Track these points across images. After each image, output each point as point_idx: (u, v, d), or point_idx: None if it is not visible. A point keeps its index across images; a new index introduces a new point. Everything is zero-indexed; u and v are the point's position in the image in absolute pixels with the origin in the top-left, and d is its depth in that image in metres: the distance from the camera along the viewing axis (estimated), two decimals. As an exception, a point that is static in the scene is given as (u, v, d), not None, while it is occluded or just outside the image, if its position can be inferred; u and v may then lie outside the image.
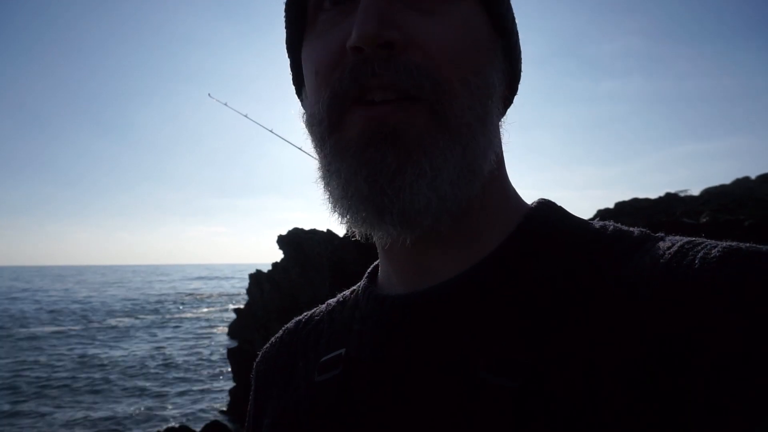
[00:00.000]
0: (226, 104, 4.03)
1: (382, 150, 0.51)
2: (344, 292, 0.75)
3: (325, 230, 13.49)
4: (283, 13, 0.63)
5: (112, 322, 33.71)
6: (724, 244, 0.49)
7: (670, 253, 0.50)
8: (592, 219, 0.62)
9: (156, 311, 39.75)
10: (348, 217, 0.55)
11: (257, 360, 0.79)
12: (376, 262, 0.70)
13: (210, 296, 54.13)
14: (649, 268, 0.50)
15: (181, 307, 42.71)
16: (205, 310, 40.98)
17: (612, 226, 0.58)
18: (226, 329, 26.50)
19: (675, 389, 0.43)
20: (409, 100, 0.51)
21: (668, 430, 0.43)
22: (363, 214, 0.53)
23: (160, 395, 16.14)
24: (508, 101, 0.64)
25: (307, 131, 0.60)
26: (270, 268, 14.99)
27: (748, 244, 0.49)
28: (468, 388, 0.50)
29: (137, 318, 35.60)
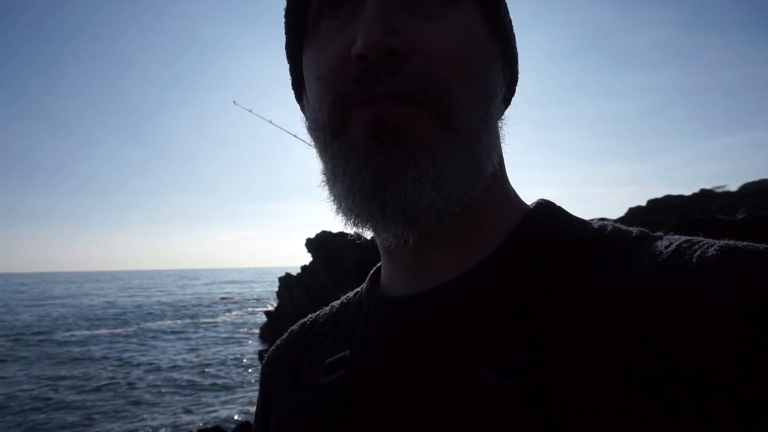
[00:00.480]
0: (251, 111, 4.06)
1: (386, 146, 0.52)
2: (347, 294, 0.76)
3: (352, 232, 13.50)
4: (283, 19, 0.63)
5: (148, 325, 34.47)
6: (722, 242, 0.49)
7: (667, 253, 0.50)
8: (622, 217, 0.64)
9: (189, 315, 40.48)
10: (352, 213, 0.55)
11: (263, 362, 0.80)
12: (378, 264, 0.71)
13: (241, 300, 54.84)
14: (647, 267, 0.50)
15: (213, 311, 43.42)
16: (237, 313, 41.55)
17: (611, 226, 0.58)
18: (258, 332, 26.84)
19: (673, 389, 0.43)
20: (412, 102, 0.52)
21: (667, 430, 0.43)
22: (367, 210, 0.53)
23: (194, 397, 16.40)
24: (506, 102, 0.65)
25: (310, 137, 0.61)
26: (299, 271, 15.11)
27: (746, 243, 0.48)
28: (469, 388, 0.51)
29: (172, 321, 36.33)
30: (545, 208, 0.62)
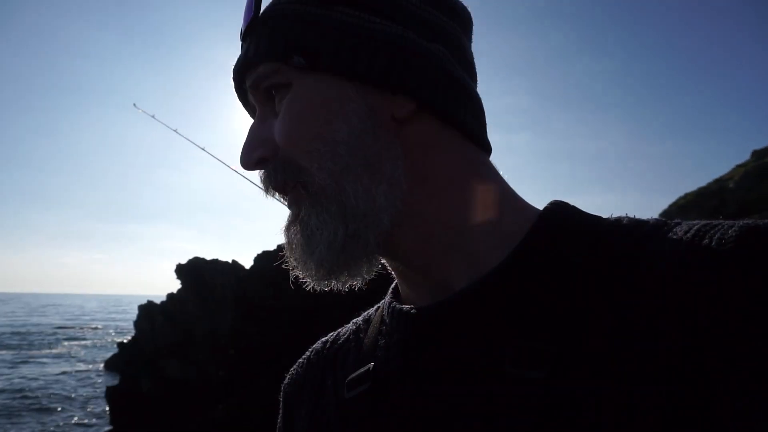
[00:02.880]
0: (153, 116, 3.78)
1: (286, 233, 0.64)
2: (369, 310, 0.77)
3: (229, 260, 12.95)
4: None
5: (-36, 356, 29.57)
6: (741, 222, 0.50)
7: (688, 237, 0.51)
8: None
9: (18, 346, 35.50)
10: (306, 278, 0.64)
11: (285, 383, 0.80)
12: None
13: (84, 329, 49.41)
14: (668, 254, 0.51)
15: (48, 340, 38.50)
16: (80, 343, 37.29)
17: (626, 218, 0.60)
18: (102, 365, 24.26)
19: (701, 380, 0.44)
20: (295, 190, 0.62)
21: (694, 421, 0.43)
22: (311, 276, 0.62)
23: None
24: (441, 106, 0.62)
25: None
26: (162, 299, 14.06)
27: (766, 221, 0.49)
28: (496, 384, 0.52)
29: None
30: (558, 207, 0.63)
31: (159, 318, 13.78)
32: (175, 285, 13.71)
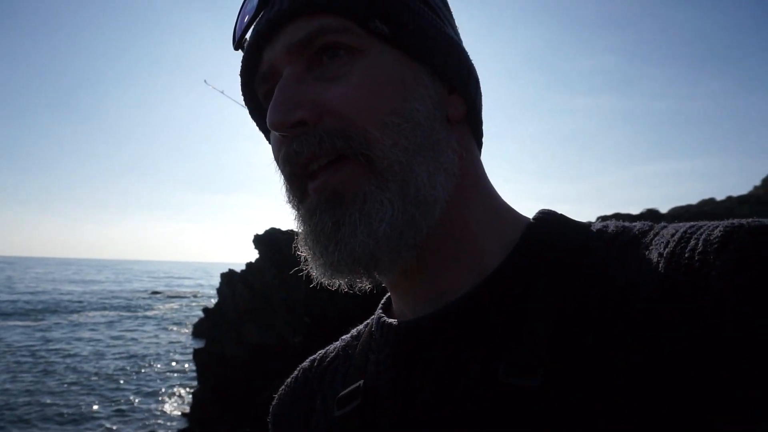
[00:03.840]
0: (222, 92, 3.79)
1: (320, 214, 0.56)
2: (358, 327, 0.77)
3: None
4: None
5: (73, 317, 32.62)
6: (726, 223, 0.49)
7: (674, 240, 0.51)
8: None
9: (120, 307, 38.67)
10: (318, 275, 0.59)
11: (273, 404, 0.79)
12: (388, 294, 0.72)
13: (176, 295, 52.97)
14: (655, 258, 0.51)
15: (145, 305, 41.64)
16: (171, 307, 40.06)
17: (613, 224, 0.60)
18: (191, 329, 25.93)
19: (687, 385, 0.44)
20: (340, 161, 0.56)
21: (684, 427, 0.43)
22: (325, 272, 0.58)
23: (122, 396, 15.58)
24: (471, 115, 0.65)
25: None
26: (243, 267, 14.67)
27: (750, 220, 0.49)
28: (490, 393, 0.52)
29: (100, 314, 34.54)
30: (547, 216, 0.63)
31: (239, 285, 14.42)
32: (254, 254, 14.27)
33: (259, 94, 0.64)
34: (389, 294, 0.71)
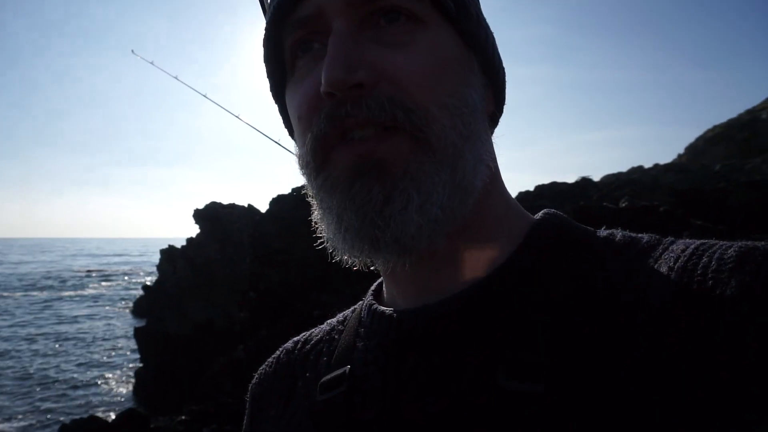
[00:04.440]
0: (152, 63, 3.58)
1: (368, 183, 0.52)
2: (345, 312, 0.75)
3: (245, 205, 13.00)
4: (263, 65, 0.64)
5: (3, 297, 30.92)
6: (740, 243, 0.50)
7: (685, 256, 0.51)
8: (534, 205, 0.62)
9: (53, 287, 36.93)
10: (345, 251, 0.56)
11: (253, 382, 0.77)
12: (379, 280, 0.69)
13: (113, 273, 51.08)
14: (665, 272, 0.50)
15: (80, 284, 39.94)
16: (107, 285, 38.62)
17: (620, 234, 0.59)
18: (130, 306, 25.16)
19: (697, 397, 0.43)
20: (388, 131, 0.53)
21: None
22: (359, 247, 0.54)
23: (62, 377, 15.01)
24: (495, 115, 0.65)
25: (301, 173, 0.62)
26: (183, 243, 14.28)
27: (763, 243, 0.49)
28: (488, 397, 0.50)
29: (31, 294, 32.90)
30: (553, 217, 0.62)
31: (180, 262, 14.06)
32: (195, 229, 13.88)
33: (287, 39, 0.59)
34: (380, 280, 0.69)
